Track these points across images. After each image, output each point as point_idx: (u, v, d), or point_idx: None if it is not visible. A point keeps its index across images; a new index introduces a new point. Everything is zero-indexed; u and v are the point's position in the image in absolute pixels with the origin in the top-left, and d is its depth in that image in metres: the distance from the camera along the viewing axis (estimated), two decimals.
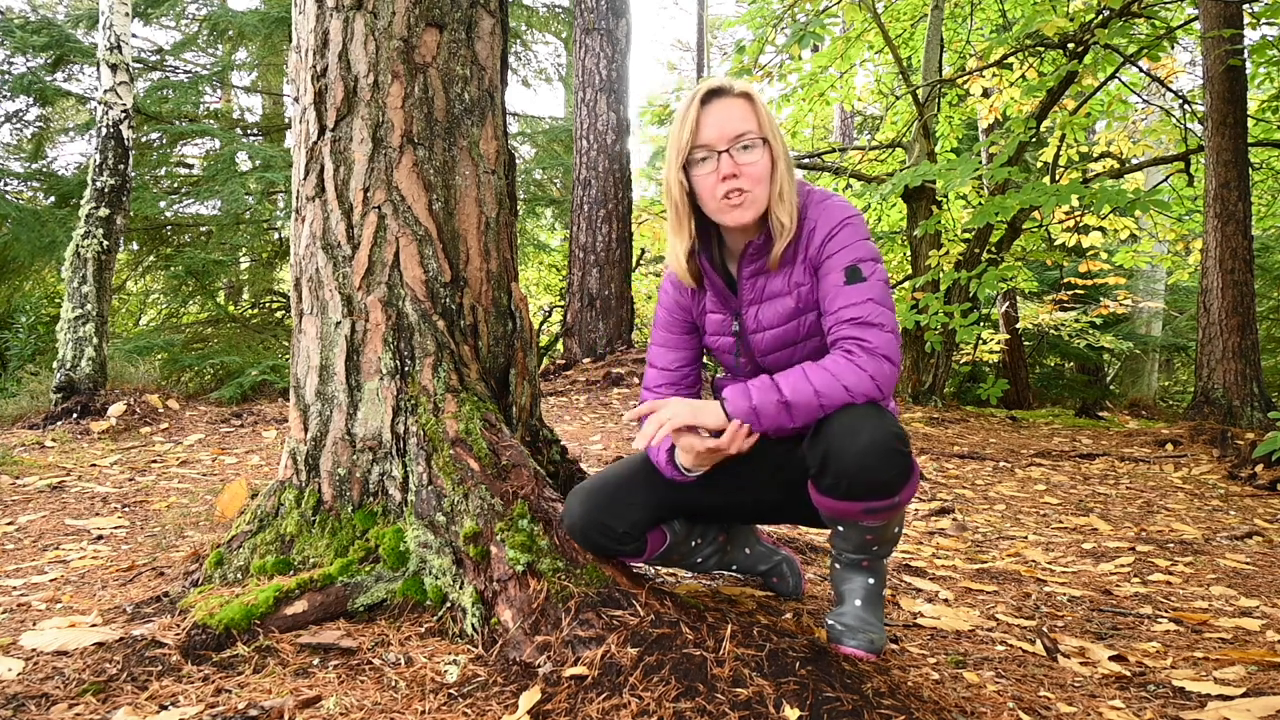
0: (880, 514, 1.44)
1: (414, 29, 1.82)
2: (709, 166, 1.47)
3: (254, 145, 8.20)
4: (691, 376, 1.72)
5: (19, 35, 7.21)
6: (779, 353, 1.58)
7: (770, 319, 1.56)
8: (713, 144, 1.45)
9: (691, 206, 1.54)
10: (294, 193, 1.92)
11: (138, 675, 1.37)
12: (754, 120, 1.46)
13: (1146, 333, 12.10)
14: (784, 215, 1.48)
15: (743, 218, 1.47)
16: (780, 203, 1.47)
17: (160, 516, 2.74)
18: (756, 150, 1.46)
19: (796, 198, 1.50)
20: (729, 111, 1.46)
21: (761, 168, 1.46)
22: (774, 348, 1.58)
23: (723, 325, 1.63)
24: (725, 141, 1.45)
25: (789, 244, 1.51)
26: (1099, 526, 3.01)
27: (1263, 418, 5.85)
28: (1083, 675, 1.52)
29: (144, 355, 6.42)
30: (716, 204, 1.48)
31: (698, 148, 1.47)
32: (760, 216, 1.50)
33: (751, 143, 1.45)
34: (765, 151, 1.47)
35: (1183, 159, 7.30)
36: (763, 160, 1.46)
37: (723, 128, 1.45)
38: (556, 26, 10.86)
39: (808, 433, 1.45)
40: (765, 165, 1.47)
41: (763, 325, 1.57)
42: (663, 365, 1.70)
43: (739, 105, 1.47)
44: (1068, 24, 5.70)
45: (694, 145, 1.47)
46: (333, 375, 1.77)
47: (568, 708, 1.23)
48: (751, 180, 1.46)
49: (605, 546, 1.55)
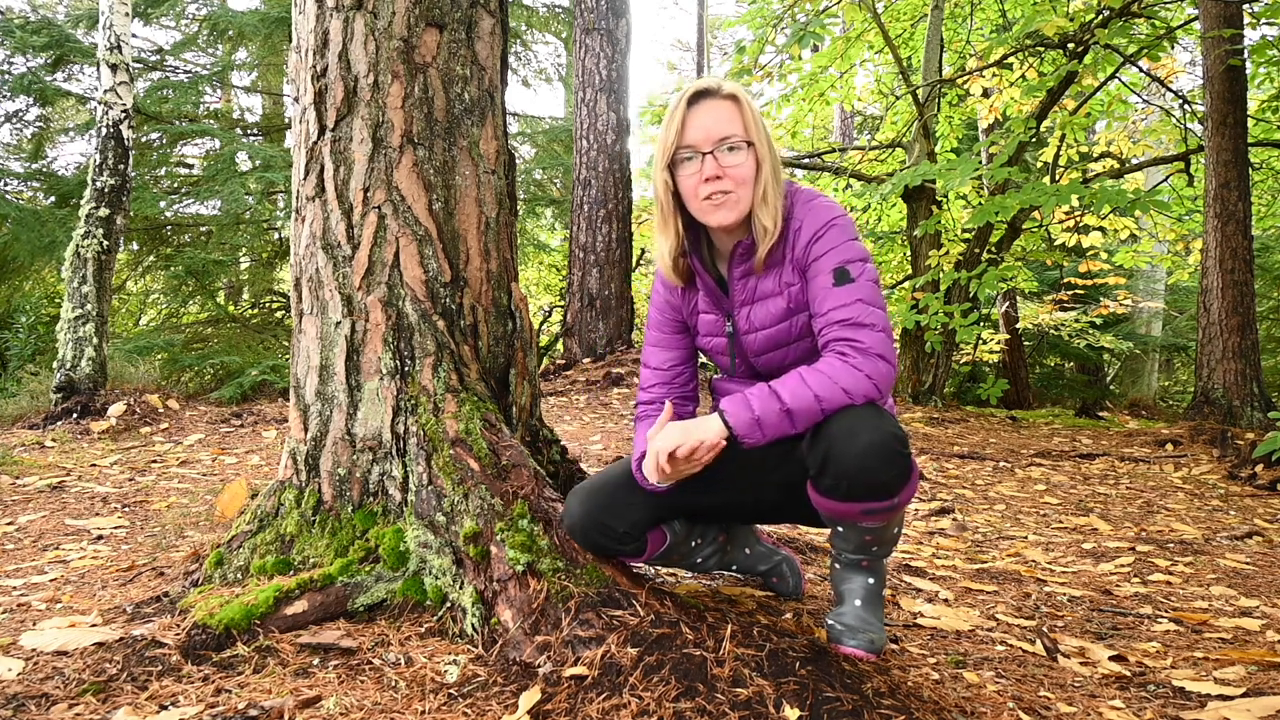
0: (880, 515, 1.44)
1: (414, 29, 1.82)
2: (693, 167, 1.47)
3: (254, 145, 8.20)
4: (685, 375, 1.72)
5: (19, 35, 7.21)
6: (772, 353, 1.58)
7: (762, 319, 1.56)
8: (697, 145, 1.46)
9: (677, 206, 1.54)
10: (294, 193, 1.92)
11: (138, 675, 1.37)
12: (740, 123, 1.46)
13: (1146, 333, 12.10)
14: (767, 219, 1.47)
15: (725, 219, 1.47)
16: (764, 206, 1.47)
17: (160, 516, 2.74)
18: (741, 153, 1.46)
19: (782, 200, 1.50)
20: (715, 113, 1.46)
21: (746, 170, 1.46)
22: (767, 348, 1.58)
23: (716, 326, 1.63)
24: (710, 143, 1.45)
25: (775, 245, 1.51)
26: (1099, 526, 3.00)
27: (1263, 418, 5.85)
28: (1083, 675, 1.52)
29: (144, 355, 6.42)
30: (699, 204, 1.49)
31: (683, 148, 1.47)
32: (745, 218, 1.50)
33: (737, 145, 1.46)
34: (750, 154, 1.47)
35: (1183, 159, 7.30)
36: (747, 163, 1.46)
37: (708, 129, 1.45)
38: (556, 26, 10.86)
39: (806, 433, 1.45)
40: (750, 168, 1.47)
41: (755, 326, 1.57)
42: (656, 365, 1.70)
43: (725, 107, 1.47)
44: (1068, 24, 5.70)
45: (679, 145, 1.48)
46: (333, 375, 1.77)
47: (568, 708, 1.23)
48: (735, 182, 1.46)
49: (605, 546, 1.55)
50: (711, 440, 1.41)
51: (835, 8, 7.12)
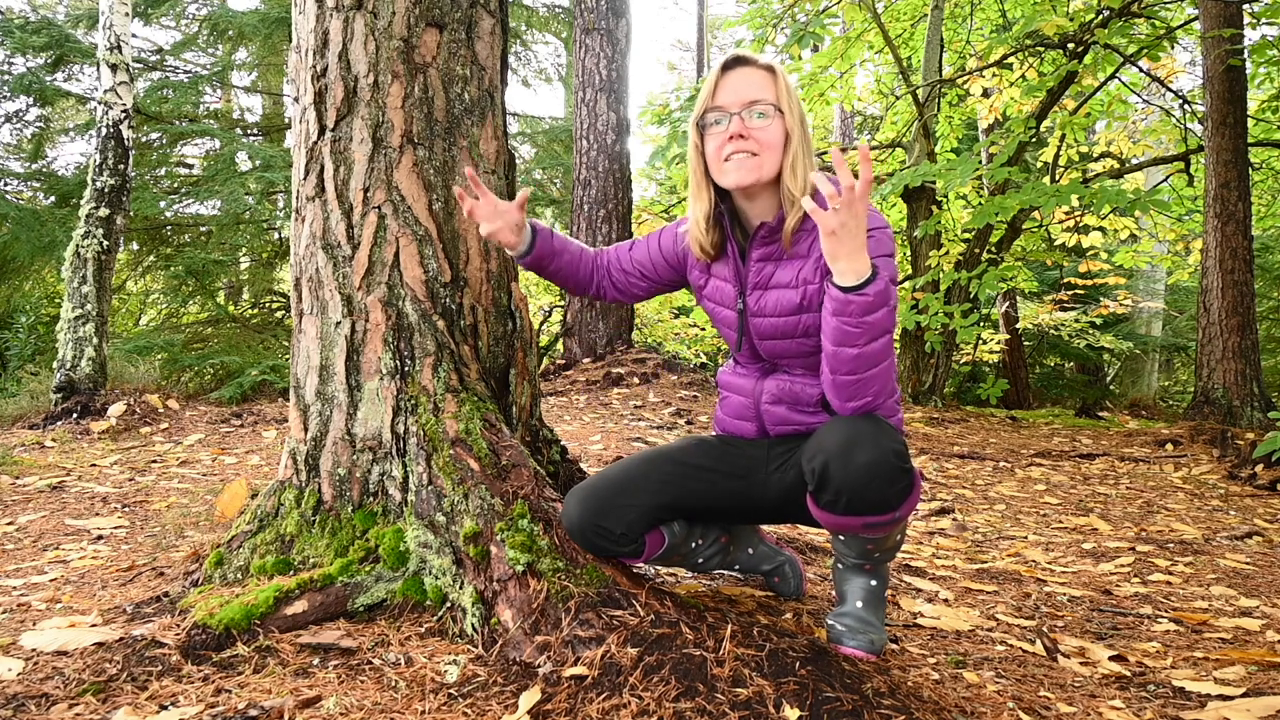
0: (881, 527, 1.43)
1: (414, 29, 1.82)
2: (720, 127, 1.49)
3: (254, 145, 8.19)
4: (627, 276, 1.77)
5: (19, 35, 7.20)
6: (777, 342, 1.57)
7: (774, 308, 1.55)
8: (726, 106, 1.48)
9: (706, 170, 1.55)
10: (294, 193, 1.92)
11: (138, 675, 1.37)
12: (772, 91, 1.47)
13: (1146, 333, 12.10)
14: (796, 188, 1.47)
15: (742, 179, 1.47)
16: (793, 176, 1.47)
17: (160, 516, 2.74)
18: (769, 119, 1.46)
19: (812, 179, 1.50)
20: (748, 79, 1.48)
21: (772, 134, 1.47)
22: (772, 335, 1.57)
23: (729, 298, 1.62)
24: (739, 105, 1.47)
25: (802, 236, 1.50)
26: (1099, 526, 3.00)
27: (1263, 418, 5.85)
28: (1083, 675, 1.52)
29: (144, 355, 6.41)
30: (719, 165, 1.49)
31: (712, 109, 1.49)
32: (766, 188, 1.50)
33: (765, 110, 1.46)
34: (779, 122, 1.47)
35: (1183, 159, 7.31)
36: (775, 128, 1.47)
37: (739, 92, 1.47)
38: (556, 26, 10.86)
39: (810, 433, 1.45)
40: (777, 134, 1.47)
41: (764, 311, 1.56)
42: (627, 250, 1.77)
43: (759, 75, 1.49)
44: (1068, 24, 5.70)
45: (708, 108, 1.50)
46: (333, 375, 1.77)
47: (568, 708, 1.23)
48: (759, 144, 1.46)
49: (603, 547, 1.55)
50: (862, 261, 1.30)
51: (835, 8, 7.12)
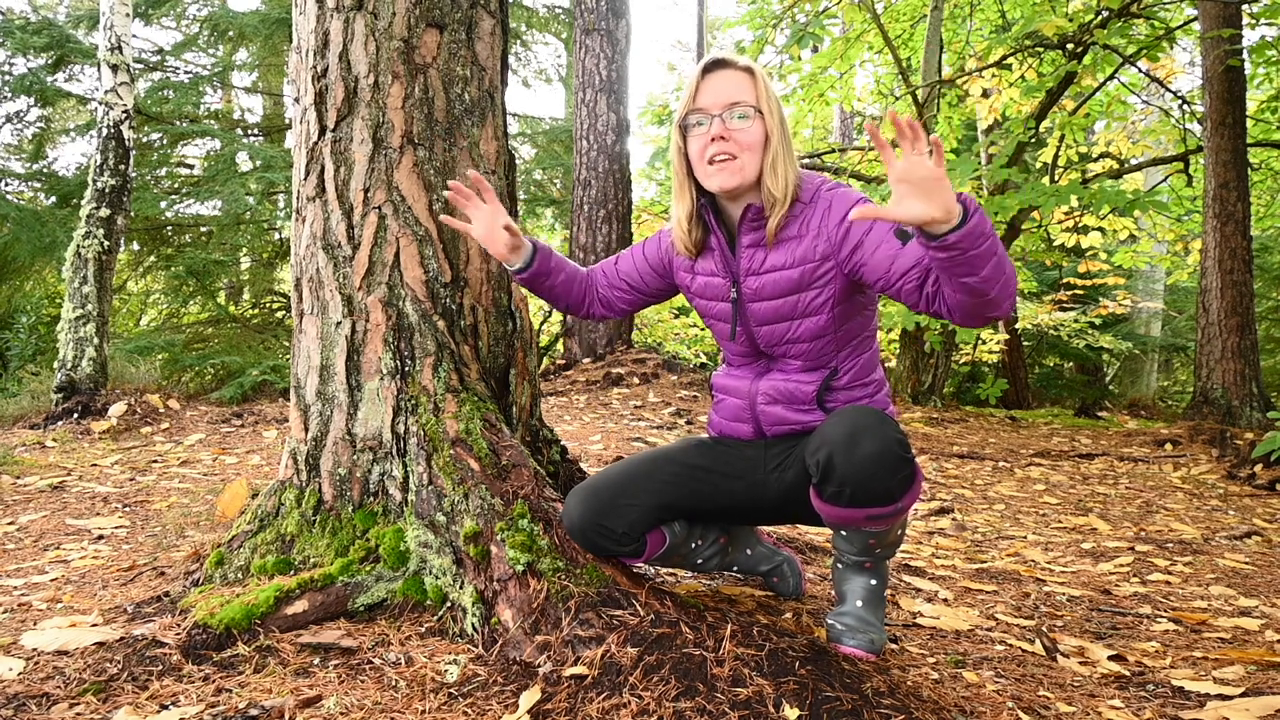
0: (884, 520, 1.44)
1: (414, 29, 1.83)
2: (702, 129, 1.50)
3: (254, 145, 8.19)
4: (613, 290, 1.78)
5: (19, 36, 7.20)
6: (776, 325, 1.57)
7: (771, 290, 1.55)
8: (708, 108, 1.49)
9: (688, 171, 1.57)
10: (294, 193, 1.92)
11: (138, 675, 1.37)
12: (751, 92, 1.49)
13: (1146, 333, 12.10)
14: (777, 189, 1.49)
15: (726, 183, 1.49)
16: (773, 175, 1.49)
17: (161, 516, 2.75)
18: (749, 120, 1.48)
19: (794, 177, 1.51)
20: (728, 81, 1.50)
21: (753, 136, 1.48)
22: (771, 319, 1.57)
23: (720, 290, 1.62)
24: (719, 107, 1.49)
25: (789, 222, 1.51)
26: (1098, 526, 3.01)
27: (1262, 418, 5.85)
28: (1082, 675, 1.53)
29: (144, 355, 6.41)
30: (703, 167, 1.51)
31: (694, 112, 1.51)
32: (750, 188, 1.51)
33: (745, 112, 1.48)
34: (759, 123, 1.49)
35: (1182, 159, 7.31)
36: (755, 129, 1.49)
37: (719, 94, 1.49)
38: (556, 27, 10.86)
39: (810, 432, 1.45)
40: (757, 135, 1.49)
41: (762, 294, 1.57)
42: (614, 265, 1.78)
43: (739, 76, 1.50)
44: (1067, 24, 5.70)
45: (690, 110, 1.51)
46: (333, 375, 1.78)
47: (568, 707, 1.23)
48: (740, 146, 1.48)
49: (604, 547, 1.55)
50: (950, 202, 1.19)
51: (835, 8, 7.12)
